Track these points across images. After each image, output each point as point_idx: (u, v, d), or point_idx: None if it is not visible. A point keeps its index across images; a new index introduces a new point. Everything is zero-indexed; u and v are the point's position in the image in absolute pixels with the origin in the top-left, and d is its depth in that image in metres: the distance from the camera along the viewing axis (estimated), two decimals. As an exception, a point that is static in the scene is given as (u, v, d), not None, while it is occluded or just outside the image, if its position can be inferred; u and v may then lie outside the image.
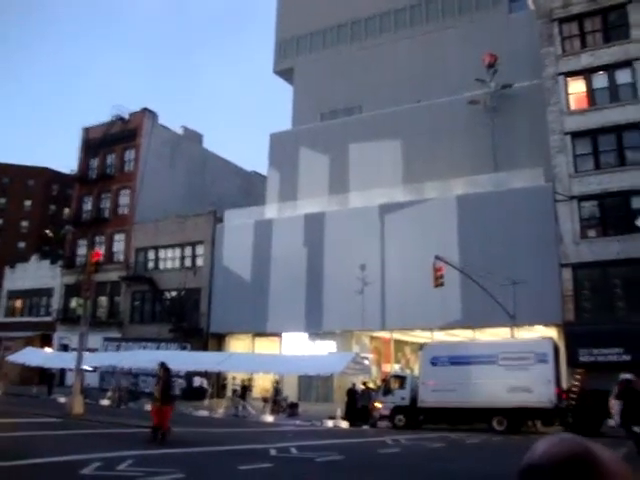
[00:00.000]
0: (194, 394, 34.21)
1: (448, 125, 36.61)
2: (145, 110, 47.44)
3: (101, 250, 41.14)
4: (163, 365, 16.07)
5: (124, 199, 46.38)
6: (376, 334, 35.16)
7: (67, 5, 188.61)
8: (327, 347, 33.94)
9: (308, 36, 51.49)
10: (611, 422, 17.74)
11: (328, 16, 49.95)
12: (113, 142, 47.26)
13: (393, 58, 44.31)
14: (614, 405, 13.37)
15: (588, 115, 30.75)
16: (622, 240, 28.48)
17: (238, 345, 38.51)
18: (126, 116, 47.49)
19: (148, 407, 30.01)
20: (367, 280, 32.69)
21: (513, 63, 37.04)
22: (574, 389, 24.73)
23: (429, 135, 36.69)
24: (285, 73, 52.65)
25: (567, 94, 31.49)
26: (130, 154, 47.03)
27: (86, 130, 49.98)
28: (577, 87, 31.60)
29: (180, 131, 50.61)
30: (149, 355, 33.58)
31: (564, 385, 25.54)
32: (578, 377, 25.58)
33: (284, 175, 41.80)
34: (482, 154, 34.73)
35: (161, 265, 43.16)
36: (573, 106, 31.41)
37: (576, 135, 30.67)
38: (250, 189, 50.47)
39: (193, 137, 51.66)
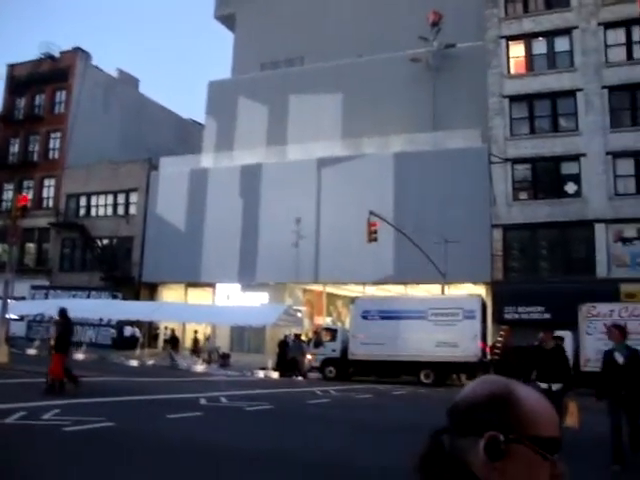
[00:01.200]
0: (125, 344, 33.86)
1: (389, 82, 36.49)
2: (77, 49, 45.17)
3: (29, 195, 39.46)
4: (62, 312, 15.23)
5: (54, 142, 44.36)
6: (309, 287, 35.46)
7: None
8: (260, 299, 34.07)
9: (251, -18, 49.87)
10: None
11: (273, -38, 48.36)
12: (42, 82, 44.82)
13: (338, 11, 43.47)
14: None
15: (526, 80, 31.29)
16: (551, 204, 29.48)
17: (170, 295, 38.13)
18: (56, 54, 45.10)
19: (78, 356, 29.66)
20: (302, 233, 32.75)
21: (457, 23, 36.98)
22: (498, 345, 25.72)
23: (370, 91, 36.51)
24: (226, 19, 50.91)
25: (508, 58, 31.89)
26: (61, 95, 44.82)
27: (11, 67, 47.18)
28: (517, 51, 32.03)
29: (115, 74, 48.54)
30: (79, 304, 32.89)
31: (489, 341, 26.60)
32: (502, 333, 26.56)
33: (222, 124, 40.92)
34: (422, 112, 34.88)
35: (93, 212, 41.90)
36: (513, 70, 31.88)
37: (514, 99, 31.22)
38: (187, 137, 49.18)
39: (129, 81, 49.67)
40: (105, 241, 40.80)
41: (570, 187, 29.81)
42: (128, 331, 35.28)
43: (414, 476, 1.16)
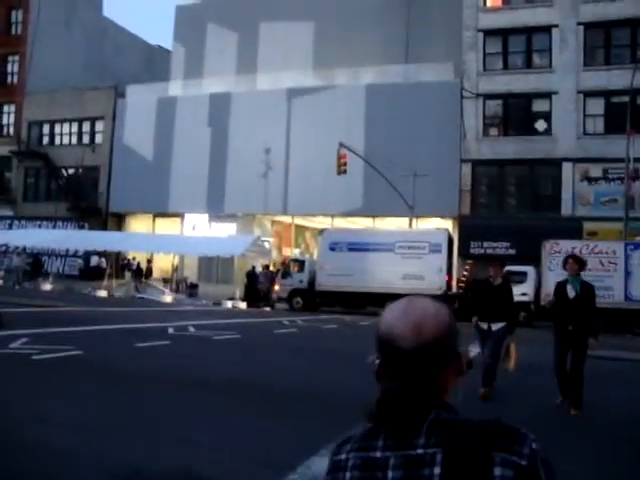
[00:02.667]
0: (92, 274, 33.70)
1: (363, 11, 35.52)
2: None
3: (-13, 121, 38.14)
4: None
5: (13, 66, 42.38)
6: (278, 218, 35.43)
7: None
8: (228, 229, 33.99)
9: None
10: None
11: None
12: (-5, -1, 42.38)
13: None
14: None
15: (502, 14, 30.82)
16: (521, 141, 29.62)
17: (138, 225, 37.82)
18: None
19: (46, 287, 29.53)
20: (271, 164, 32.47)
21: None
22: (463, 278, 26.42)
23: (343, 20, 35.55)
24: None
25: (484, -11, 31.24)
26: (17, 15, 42.50)
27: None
28: (494, -17, 31.36)
29: (77, -7, 46.21)
30: (45, 234, 32.48)
31: (455, 274, 27.20)
32: (467, 267, 27.29)
33: (190, 51, 39.62)
34: (395, 44, 34.20)
35: (57, 140, 40.74)
36: (489, 3, 31.32)
37: (488, 33, 30.81)
38: (154, 64, 47.55)
39: (91, 1, 47.41)
40: (70, 170, 39.88)
41: (540, 125, 29.93)
42: (94, 261, 35.08)
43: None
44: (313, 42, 36.21)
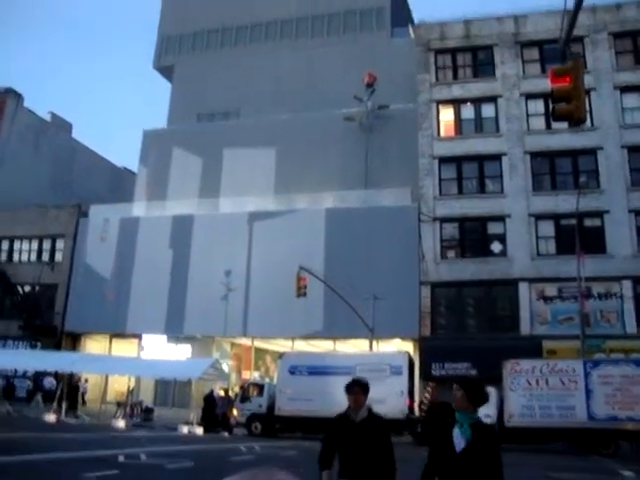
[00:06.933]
0: (46, 397, 32.05)
1: (323, 139, 37.35)
2: (9, 90, 44.24)
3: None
4: None
5: (-23, 184, 42.69)
6: (237, 341, 34.95)
7: None
8: (186, 351, 33.26)
9: (191, 35, 50.57)
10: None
11: (213, 18, 49.34)
12: (-31, 121, 43.47)
13: (275, 67, 44.55)
14: None
15: (455, 142, 32.65)
16: (477, 262, 30.42)
17: (94, 346, 36.74)
18: (-14, 95, 44.00)
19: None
20: (231, 286, 32.43)
21: (391, 85, 38.51)
22: (424, 401, 25.99)
23: (304, 147, 37.21)
24: (165, 70, 51.29)
25: (438, 121, 33.27)
26: (-13, 137, 43.49)
27: None
28: (447, 115, 33.48)
29: (48, 117, 47.69)
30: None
31: (417, 397, 26.74)
32: (429, 390, 26.95)
33: (155, 174, 40.63)
34: (354, 170, 35.72)
35: (15, 257, 40.28)
36: (443, 133, 33.23)
37: (443, 160, 32.44)
38: (119, 185, 48.44)
39: (62, 125, 48.88)
40: (27, 288, 39.12)
41: (496, 246, 30.91)
42: (48, 383, 33.53)
43: None
44: (275, 167, 37.57)
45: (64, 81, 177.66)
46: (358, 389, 5.22)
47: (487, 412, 22.00)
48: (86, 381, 32.05)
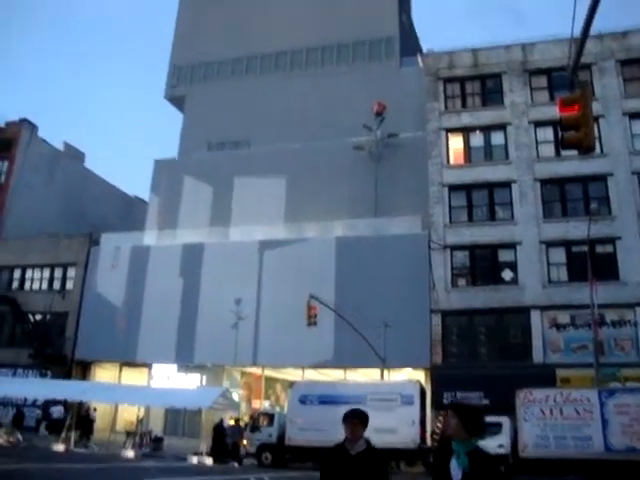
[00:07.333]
0: (54, 426, 31.91)
1: (333, 168, 37.52)
2: (24, 121, 44.95)
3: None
4: None
5: (-10, 214, 43.19)
6: (247, 369, 34.72)
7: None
8: (196, 380, 33.08)
9: (203, 65, 51.31)
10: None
11: (225, 48, 50.10)
12: (-17, 150, 44.09)
13: (285, 96, 45.04)
14: None
15: (465, 170, 32.69)
16: (488, 290, 30.21)
17: (104, 375, 36.62)
18: (1, 124, 44.73)
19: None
20: (242, 315, 32.33)
21: (400, 114, 38.78)
22: (436, 431, 25.60)
23: (314, 176, 37.38)
24: (176, 100, 51.98)
25: (447, 148, 33.37)
26: (2, 165, 44.13)
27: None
28: (456, 143, 33.59)
29: (61, 147, 48.35)
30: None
31: (429, 427, 26.37)
32: (441, 419, 26.52)
33: (166, 202, 40.91)
34: (364, 198, 35.80)
35: (27, 285, 40.45)
36: (452, 160, 33.28)
37: (453, 188, 32.45)
38: (130, 214, 48.84)
39: (75, 155, 49.50)
40: (38, 316, 39.22)
41: (507, 274, 30.70)
42: (56, 412, 33.39)
43: None
44: (285, 196, 37.74)
45: (77, 110, 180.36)
46: (356, 420, 4.92)
47: (500, 442, 21.73)
48: (95, 410, 31.88)
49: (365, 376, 30.87)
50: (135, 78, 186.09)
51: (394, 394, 24.34)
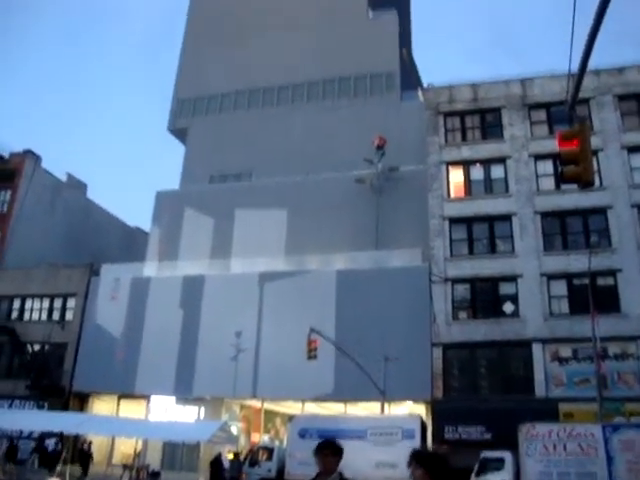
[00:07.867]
0: (49, 460, 31.44)
1: (334, 200, 37.69)
2: (28, 152, 45.33)
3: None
4: None
5: (-9, 244, 43.25)
6: (247, 402, 34.36)
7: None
8: (194, 413, 32.70)
9: (206, 98, 52.01)
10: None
11: (228, 82, 50.84)
12: (-13, 180, 44.35)
13: (287, 129, 45.51)
14: None
15: (465, 203, 32.80)
16: (489, 323, 30.06)
17: (102, 407, 36.22)
18: (6, 155, 45.10)
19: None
20: (242, 347, 32.10)
21: (401, 147, 39.13)
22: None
23: (315, 208, 37.52)
24: (179, 132, 52.55)
25: (448, 182, 33.53)
26: (5, 195, 44.33)
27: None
28: (457, 176, 33.76)
29: (64, 178, 48.67)
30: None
31: (429, 462, 25.92)
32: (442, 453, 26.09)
33: (167, 234, 40.99)
34: (365, 231, 35.88)
35: (26, 316, 40.26)
36: (453, 194, 33.40)
37: (453, 221, 32.52)
38: (131, 244, 48.93)
39: (77, 185, 49.78)
40: (37, 347, 38.95)
41: (508, 307, 30.57)
42: (51, 445, 32.93)
43: None
44: (286, 228, 37.83)
45: (80, 140, 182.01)
46: (327, 451, 4.64)
47: (503, 478, 21.43)
48: (90, 443, 31.46)
49: (366, 410, 30.57)
50: (138, 110, 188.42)
51: (395, 428, 24.08)
